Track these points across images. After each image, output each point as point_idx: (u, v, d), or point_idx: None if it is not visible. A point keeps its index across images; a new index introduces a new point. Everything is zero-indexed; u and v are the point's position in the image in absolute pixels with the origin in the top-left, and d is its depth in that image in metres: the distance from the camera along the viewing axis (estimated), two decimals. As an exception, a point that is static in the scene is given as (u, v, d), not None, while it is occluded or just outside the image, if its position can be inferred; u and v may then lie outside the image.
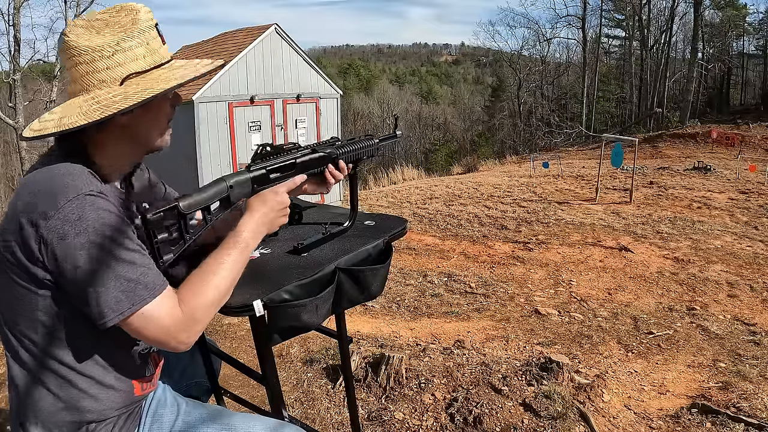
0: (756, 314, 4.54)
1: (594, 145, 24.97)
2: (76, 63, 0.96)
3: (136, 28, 0.98)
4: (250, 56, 8.83)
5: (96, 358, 0.99)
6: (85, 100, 0.96)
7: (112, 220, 0.90)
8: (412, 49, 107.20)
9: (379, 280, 1.29)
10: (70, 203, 0.88)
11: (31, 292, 0.92)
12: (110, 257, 0.89)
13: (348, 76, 56.25)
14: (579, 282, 5.45)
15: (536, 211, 8.88)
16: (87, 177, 0.93)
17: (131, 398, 1.06)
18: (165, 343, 0.94)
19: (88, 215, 0.88)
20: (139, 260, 0.92)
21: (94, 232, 0.88)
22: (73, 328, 0.95)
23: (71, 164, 0.94)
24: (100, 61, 0.96)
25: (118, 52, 0.96)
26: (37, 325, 0.94)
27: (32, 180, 0.94)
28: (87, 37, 0.96)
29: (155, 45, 1.01)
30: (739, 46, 35.42)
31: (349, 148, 1.32)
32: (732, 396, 2.88)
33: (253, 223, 1.09)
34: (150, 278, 0.92)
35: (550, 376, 2.78)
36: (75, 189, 0.89)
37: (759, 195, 9.89)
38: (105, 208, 0.90)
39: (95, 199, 0.90)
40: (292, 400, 2.77)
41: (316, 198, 9.75)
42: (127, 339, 1.02)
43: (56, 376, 0.96)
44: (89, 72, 0.96)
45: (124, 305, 0.89)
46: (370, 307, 4.63)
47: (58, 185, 0.90)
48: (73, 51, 0.96)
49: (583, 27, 32.98)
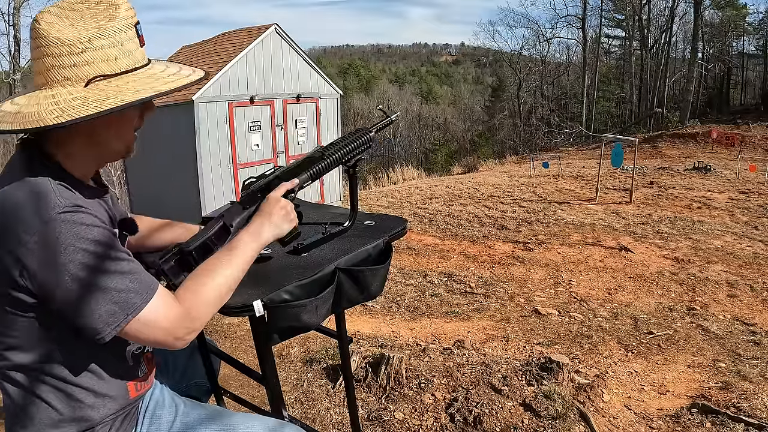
0: (756, 314, 4.54)
1: (594, 145, 24.97)
2: (43, 54, 0.89)
3: (112, 26, 0.91)
4: (250, 56, 8.82)
5: (90, 368, 0.98)
6: (45, 97, 0.89)
7: (92, 233, 0.87)
8: (412, 49, 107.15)
9: (379, 280, 1.29)
10: (45, 225, 0.84)
11: (18, 317, 0.90)
12: (96, 272, 0.86)
13: (348, 76, 56.25)
14: (579, 282, 5.45)
15: (536, 211, 8.87)
16: (57, 191, 0.88)
17: (127, 401, 1.05)
18: (164, 343, 0.93)
19: (66, 234, 0.84)
20: (127, 267, 0.90)
21: (74, 251, 0.84)
22: (66, 344, 0.94)
23: (38, 180, 0.88)
24: (68, 57, 0.88)
25: (89, 50, 0.89)
26: (29, 345, 0.92)
27: (3, 201, 0.88)
28: (58, 27, 0.88)
29: (131, 46, 0.93)
30: (739, 46, 35.43)
31: (342, 150, 1.30)
32: (732, 396, 2.88)
33: (253, 227, 1.10)
34: (140, 283, 0.90)
35: (550, 376, 2.78)
36: (47, 209, 0.85)
37: (759, 195, 9.89)
38: (81, 222, 0.86)
39: (71, 215, 0.86)
40: (292, 400, 2.77)
41: (316, 198, 9.74)
42: (119, 344, 1.01)
43: (52, 390, 0.95)
44: (55, 66, 0.89)
45: (119, 317, 0.87)
46: (370, 307, 4.63)
47: (29, 207, 0.85)
48: (42, 41, 0.88)
49: (583, 27, 32.98)
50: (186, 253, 1.07)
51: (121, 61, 0.92)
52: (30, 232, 0.84)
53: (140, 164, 9.13)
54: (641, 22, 32.42)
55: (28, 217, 0.85)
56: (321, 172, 1.28)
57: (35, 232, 0.84)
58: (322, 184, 10.05)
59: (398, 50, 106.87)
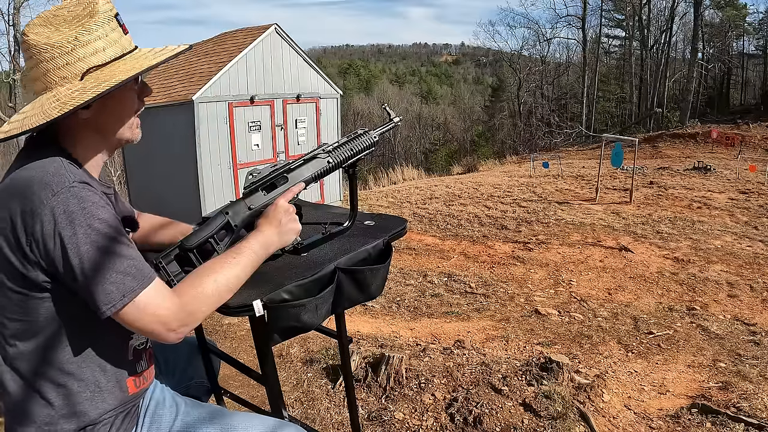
0: (756, 314, 4.54)
1: (594, 145, 24.97)
2: (38, 61, 0.96)
3: (94, 21, 0.97)
4: (250, 56, 8.82)
5: (91, 359, 0.98)
6: (47, 99, 0.95)
7: (98, 211, 0.91)
8: (412, 49, 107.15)
9: (378, 280, 1.29)
10: (57, 197, 0.88)
11: (28, 297, 0.92)
12: (99, 249, 0.89)
13: (348, 76, 56.28)
14: (579, 282, 5.45)
15: (536, 211, 8.87)
16: (68, 168, 0.93)
17: (126, 397, 1.05)
18: (159, 334, 0.94)
19: (74, 208, 0.88)
20: (127, 252, 0.92)
21: (80, 225, 0.88)
22: (70, 331, 0.95)
23: (51, 158, 0.94)
24: (60, 57, 0.95)
25: (78, 47, 0.96)
26: (33, 329, 0.94)
27: (14, 180, 0.93)
28: (46, 34, 0.95)
29: (115, 36, 1.00)
30: (739, 46, 35.45)
31: (346, 154, 1.30)
32: (732, 396, 2.88)
33: (263, 237, 1.11)
34: (138, 270, 0.92)
35: (550, 376, 2.78)
36: (59, 182, 0.89)
37: (759, 195, 9.88)
38: (91, 199, 0.91)
39: (80, 190, 0.90)
40: (292, 400, 2.77)
41: (316, 198, 9.74)
42: (122, 336, 1.02)
43: (52, 384, 0.96)
44: (51, 69, 0.96)
45: (114, 297, 0.89)
46: (370, 307, 4.63)
47: (41, 181, 0.89)
48: (34, 50, 0.95)
49: (583, 27, 32.98)
50: (186, 250, 1.07)
51: (109, 51, 0.99)
52: (42, 204, 0.88)
53: (140, 164, 9.13)
54: (641, 22, 32.42)
55: (39, 190, 0.88)
56: (324, 175, 1.28)
57: (47, 203, 0.87)
58: (322, 184, 10.05)
59: (398, 50, 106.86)
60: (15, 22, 16.74)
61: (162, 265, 1.05)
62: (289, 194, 1.19)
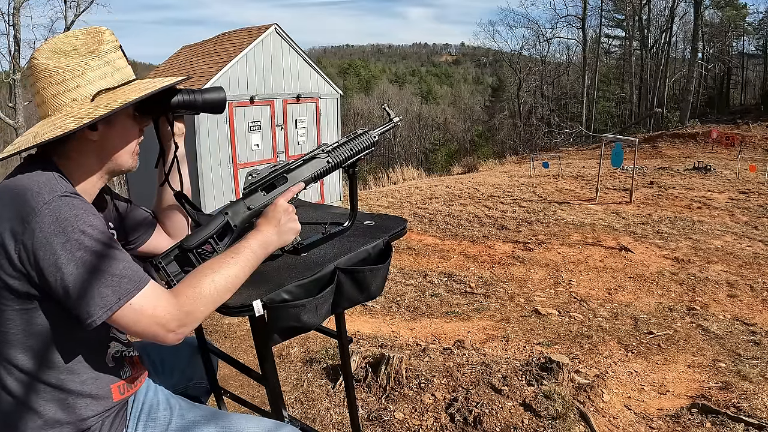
0: (756, 314, 4.54)
1: (594, 145, 24.97)
2: (47, 84, 0.99)
3: (102, 48, 1.02)
4: (250, 56, 8.82)
5: (71, 369, 0.99)
6: (59, 118, 0.98)
7: (89, 219, 0.92)
8: (412, 49, 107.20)
9: (378, 280, 1.28)
10: (47, 205, 0.89)
11: (11, 310, 0.92)
12: (91, 254, 0.89)
13: (348, 76, 56.28)
14: (579, 282, 5.45)
15: (536, 211, 8.87)
16: (59, 180, 0.95)
17: (110, 404, 1.06)
18: (158, 335, 0.94)
19: (66, 215, 0.89)
20: (119, 255, 0.93)
21: (73, 231, 0.89)
22: (51, 342, 0.95)
23: (40, 171, 0.96)
24: (71, 80, 0.98)
25: (88, 71, 0.99)
26: (15, 342, 0.94)
27: (5, 189, 0.94)
28: (56, 59, 0.99)
29: (120, 64, 1.05)
30: (739, 46, 35.48)
31: (346, 154, 1.30)
32: (732, 396, 2.88)
33: (263, 237, 1.11)
34: (132, 272, 0.93)
35: (550, 376, 2.78)
36: (50, 191, 0.91)
37: (759, 195, 9.88)
38: (81, 207, 0.92)
39: (71, 199, 0.92)
40: (292, 400, 2.77)
41: (316, 198, 9.74)
42: (100, 344, 1.04)
43: (35, 394, 0.96)
44: (61, 92, 0.99)
45: (110, 300, 0.89)
46: (370, 307, 4.63)
47: (32, 191, 0.91)
48: (44, 73, 0.98)
49: (583, 27, 32.98)
50: (186, 250, 1.07)
51: (117, 76, 1.04)
52: (33, 212, 0.88)
53: (140, 164, 9.12)
54: (641, 22, 32.43)
55: (30, 199, 0.90)
56: (324, 175, 1.28)
57: (38, 211, 0.88)
58: (322, 184, 10.05)
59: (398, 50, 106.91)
60: (15, 22, 16.74)
61: (162, 266, 1.05)
62: (289, 194, 1.19)
